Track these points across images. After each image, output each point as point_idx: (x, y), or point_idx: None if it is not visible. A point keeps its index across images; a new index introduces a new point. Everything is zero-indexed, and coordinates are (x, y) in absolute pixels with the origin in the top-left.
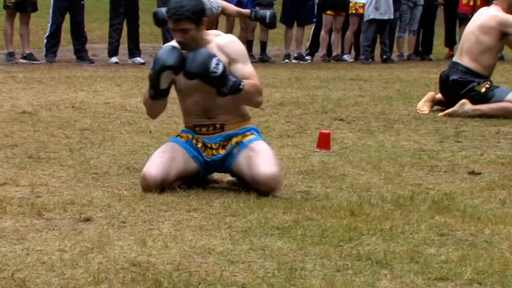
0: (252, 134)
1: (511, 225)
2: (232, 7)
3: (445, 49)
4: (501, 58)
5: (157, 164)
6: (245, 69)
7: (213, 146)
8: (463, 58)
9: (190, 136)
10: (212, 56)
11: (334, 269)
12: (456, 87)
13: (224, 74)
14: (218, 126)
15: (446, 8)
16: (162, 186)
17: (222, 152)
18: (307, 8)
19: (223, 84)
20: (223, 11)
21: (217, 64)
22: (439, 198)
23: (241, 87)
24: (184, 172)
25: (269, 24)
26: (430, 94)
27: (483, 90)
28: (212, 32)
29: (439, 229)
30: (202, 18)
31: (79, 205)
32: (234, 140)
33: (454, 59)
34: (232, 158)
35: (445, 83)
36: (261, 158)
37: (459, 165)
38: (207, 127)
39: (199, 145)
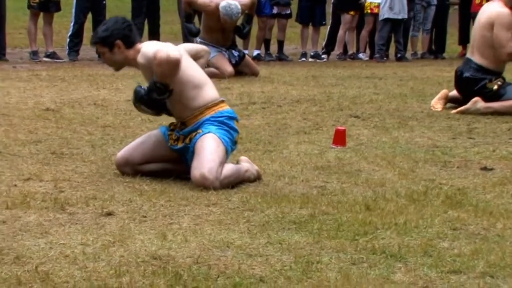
0: (199, 130)
1: None
2: None
3: (458, 47)
4: None
5: (126, 147)
6: (166, 74)
7: (174, 137)
8: (474, 55)
9: (172, 124)
10: (134, 100)
11: (350, 262)
12: (469, 84)
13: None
14: (179, 124)
15: (461, 7)
16: (131, 167)
17: (180, 144)
18: (320, 9)
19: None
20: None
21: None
22: (452, 193)
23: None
24: (153, 155)
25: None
26: (443, 92)
27: (495, 87)
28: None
29: (452, 224)
30: (113, 43)
31: (101, 200)
32: (189, 137)
33: (468, 55)
34: (190, 155)
35: (459, 80)
36: (196, 159)
37: (472, 161)
38: (178, 124)
39: (169, 132)
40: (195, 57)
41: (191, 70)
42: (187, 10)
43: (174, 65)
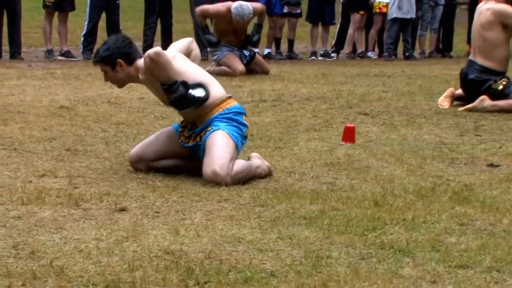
0: (209, 128)
1: None
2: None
3: (465, 46)
4: None
5: (139, 144)
6: (161, 73)
7: (186, 134)
8: (477, 57)
9: (183, 121)
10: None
11: (359, 257)
12: (474, 86)
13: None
14: (189, 125)
15: (470, 6)
16: (144, 164)
17: (191, 142)
18: (330, 9)
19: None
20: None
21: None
22: (459, 189)
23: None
24: (165, 151)
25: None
26: (449, 90)
27: (500, 87)
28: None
29: (459, 219)
30: (115, 61)
31: (114, 196)
32: (199, 135)
33: (470, 57)
34: (201, 152)
35: (464, 81)
36: (207, 156)
37: (479, 158)
38: (189, 124)
39: (180, 129)
40: (187, 52)
41: (192, 72)
42: (203, 22)
43: (156, 56)
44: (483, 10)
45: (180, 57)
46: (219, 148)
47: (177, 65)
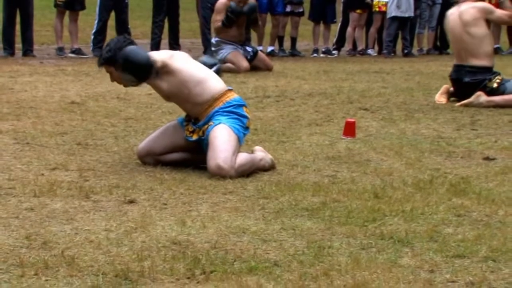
0: (210, 122)
1: None
2: None
3: None
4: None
5: (147, 139)
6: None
7: (190, 129)
8: (467, 60)
9: (187, 115)
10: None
11: (359, 247)
12: (470, 88)
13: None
14: (193, 120)
15: None
16: (152, 158)
17: (194, 137)
18: (331, 8)
19: None
20: None
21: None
22: (456, 182)
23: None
24: (172, 145)
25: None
26: (444, 86)
27: (495, 85)
28: None
29: (456, 211)
30: (118, 61)
31: (123, 188)
32: (202, 130)
33: (458, 62)
34: (205, 146)
35: (458, 86)
36: (210, 150)
37: (475, 151)
38: (192, 118)
39: (185, 123)
40: None
41: (190, 68)
42: (220, 29)
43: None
44: (464, 10)
45: (178, 56)
46: (222, 142)
47: (175, 64)
